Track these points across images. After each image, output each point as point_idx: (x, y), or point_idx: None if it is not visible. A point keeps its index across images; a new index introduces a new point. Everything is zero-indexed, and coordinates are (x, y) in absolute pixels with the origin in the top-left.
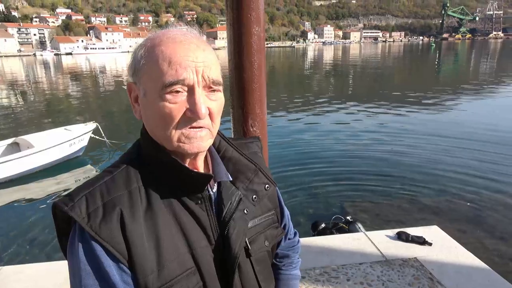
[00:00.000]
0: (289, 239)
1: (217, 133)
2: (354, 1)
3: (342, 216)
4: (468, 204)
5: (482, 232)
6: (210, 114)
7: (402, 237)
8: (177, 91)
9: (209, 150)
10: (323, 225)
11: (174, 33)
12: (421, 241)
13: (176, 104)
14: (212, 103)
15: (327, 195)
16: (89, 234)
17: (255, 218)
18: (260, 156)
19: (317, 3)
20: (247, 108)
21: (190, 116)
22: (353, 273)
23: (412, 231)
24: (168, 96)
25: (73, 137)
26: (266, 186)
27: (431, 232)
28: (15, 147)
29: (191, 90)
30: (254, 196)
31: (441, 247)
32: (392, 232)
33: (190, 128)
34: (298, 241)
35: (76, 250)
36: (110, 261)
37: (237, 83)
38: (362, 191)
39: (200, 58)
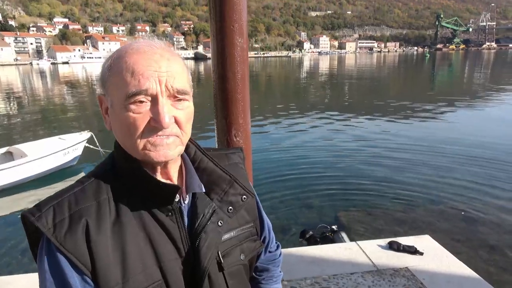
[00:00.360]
0: (269, 252)
1: (193, 144)
2: (350, 12)
3: (327, 225)
4: (461, 213)
5: (475, 241)
6: (177, 123)
7: (394, 246)
8: (141, 101)
9: (183, 161)
10: (310, 232)
11: (140, 44)
12: (412, 250)
13: (140, 114)
14: (179, 112)
15: (319, 204)
16: (54, 245)
17: (231, 231)
18: (241, 167)
19: (313, 14)
20: (231, 119)
21: (154, 126)
22: (344, 283)
23: (404, 240)
24: (132, 106)
25: (67, 146)
26: (243, 197)
27: (423, 241)
28: (8, 156)
29: (154, 100)
30: (229, 208)
31: (433, 256)
32: (384, 241)
33: (156, 136)
34: (280, 254)
35: (43, 261)
36: (74, 272)
37: (220, 94)
38: (355, 200)
39: (163, 68)
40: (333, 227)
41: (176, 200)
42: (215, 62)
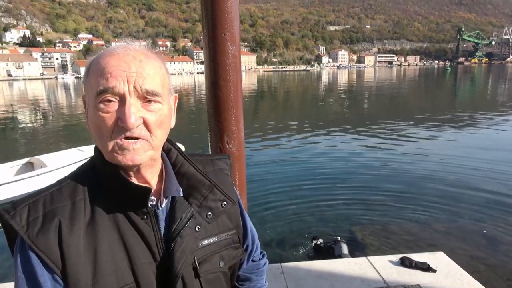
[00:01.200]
0: (253, 261)
1: (175, 148)
2: (369, 26)
3: (333, 234)
4: (480, 231)
5: (494, 261)
6: (146, 125)
7: (406, 263)
8: (109, 100)
9: (164, 164)
10: (320, 240)
11: (116, 46)
12: (425, 267)
13: (108, 113)
14: (148, 114)
15: (331, 216)
16: (26, 243)
17: (210, 237)
18: (226, 173)
19: (332, 28)
20: (223, 126)
21: (121, 125)
22: None
23: (417, 257)
24: (101, 105)
25: (85, 158)
26: (223, 203)
27: (436, 258)
28: (29, 167)
29: (122, 99)
30: (208, 213)
31: (447, 274)
32: (396, 257)
33: (124, 138)
34: (265, 263)
35: (16, 258)
36: (45, 271)
37: (213, 101)
38: (368, 214)
39: (133, 68)
40: (337, 237)
41: (153, 203)
42: (207, 69)
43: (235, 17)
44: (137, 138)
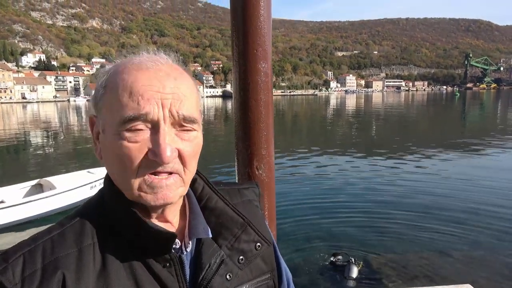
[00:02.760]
0: None
1: (201, 177)
2: (376, 52)
3: (348, 254)
4: (505, 260)
5: None
6: (181, 158)
7: None
8: (139, 129)
9: (188, 199)
10: (339, 257)
11: (142, 58)
12: None
13: (137, 143)
14: (184, 144)
15: (348, 244)
16: None
17: (242, 284)
18: (255, 205)
19: (339, 54)
20: (252, 150)
21: (153, 159)
22: None
23: None
24: (127, 134)
25: (95, 180)
26: (257, 245)
27: None
28: (38, 188)
29: (155, 127)
30: (241, 257)
31: None
32: None
33: (153, 174)
34: None
35: None
36: None
37: (242, 123)
38: (387, 242)
39: (168, 89)
40: (351, 259)
41: (177, 247)
42: (236, 89)
43: (267, 33)
44: (168, 173)
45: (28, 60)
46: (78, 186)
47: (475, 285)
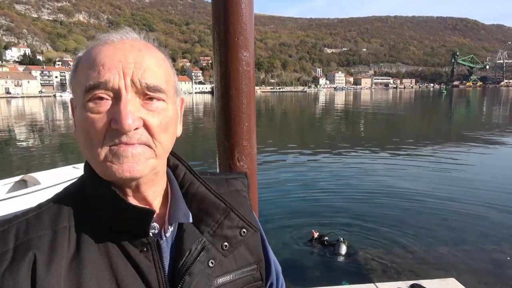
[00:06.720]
0: None
1: (183, 163)
2: (365, 49)
3: (337, 234)
4: (490, 254)
5: (506, 286)
6: (147, 128)
7: None
8: (100, 98)
9: (170, 184)
10: (326, 238)
11: (111, 34)
12: None
13: (100, 114)
14: (150, 114)
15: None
16: None
17: (227, 274)
18: (243, 195)
19: (329, 51)
20: (234, 140)
21: (116, 128)
22: None
23: (428, 283)
24: (91, 105)
25: (80, 175)
26: (242, 230)
27: (448, 285)
28: (22, 184)
29: (117, 96)
30: (225, 244)
31: None
32: (406, 284)
33: (119, 144)
34: None
35: None
36: None
37: (223, 113)
38: (374, 237)
39: (130, 58)
40: (340, 238)
41: (156, 232)
42: (217, 78)
43: (249, 21)
44: (134, 144)
45: (13, 54)
46: (63, 181)
47: (459, 279)
